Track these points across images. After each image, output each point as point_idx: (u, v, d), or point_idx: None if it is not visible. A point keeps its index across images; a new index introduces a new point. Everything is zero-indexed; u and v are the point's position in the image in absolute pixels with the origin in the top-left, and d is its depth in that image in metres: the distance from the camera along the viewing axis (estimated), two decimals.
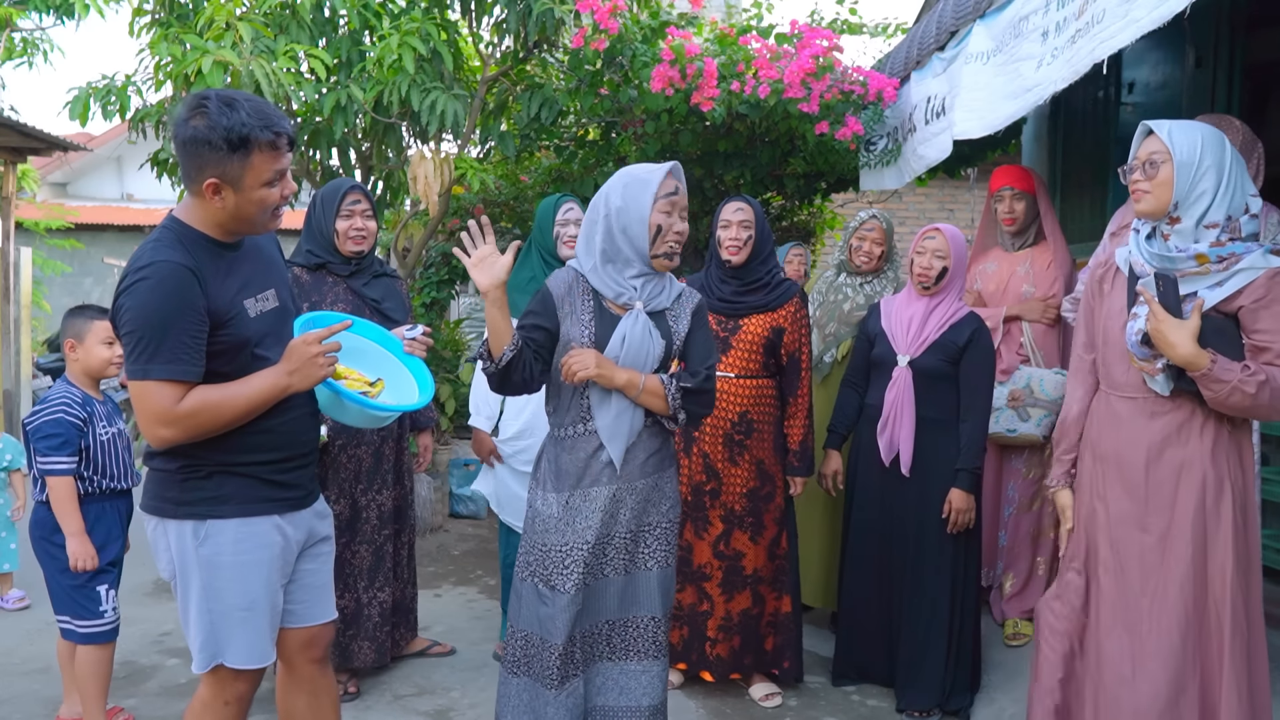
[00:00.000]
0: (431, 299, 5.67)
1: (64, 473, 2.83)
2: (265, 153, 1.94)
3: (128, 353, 1.95)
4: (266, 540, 2.08)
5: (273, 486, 2.09)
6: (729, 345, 3.25)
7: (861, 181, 4.63)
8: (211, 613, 2.06)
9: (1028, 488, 3.64)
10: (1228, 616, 2.21)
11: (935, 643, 3.17)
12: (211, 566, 2.05)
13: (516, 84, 4.90)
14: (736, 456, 3.25)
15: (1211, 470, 2.24)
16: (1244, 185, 2.22)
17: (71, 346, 2.95)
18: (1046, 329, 3.64)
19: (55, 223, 11.06)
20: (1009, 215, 3.70)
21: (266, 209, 2.00)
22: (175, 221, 2.02)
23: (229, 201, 1.96)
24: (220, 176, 1.93)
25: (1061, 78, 2.74)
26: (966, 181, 9.14)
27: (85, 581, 2.86)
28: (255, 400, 1.99)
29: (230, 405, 1.97)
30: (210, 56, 3.81)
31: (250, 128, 1.90)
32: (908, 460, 3.20)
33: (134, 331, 1.92)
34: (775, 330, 3.23)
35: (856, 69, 4.14)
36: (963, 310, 3.23)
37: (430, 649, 3.68)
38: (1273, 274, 2.17)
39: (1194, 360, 2.15)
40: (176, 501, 2.05)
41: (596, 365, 2.24)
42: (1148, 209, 2.25)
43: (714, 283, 3.31)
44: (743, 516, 3.26)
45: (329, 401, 2.25)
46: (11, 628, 3.96)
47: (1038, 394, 3.51)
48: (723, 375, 3.21)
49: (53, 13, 7.40)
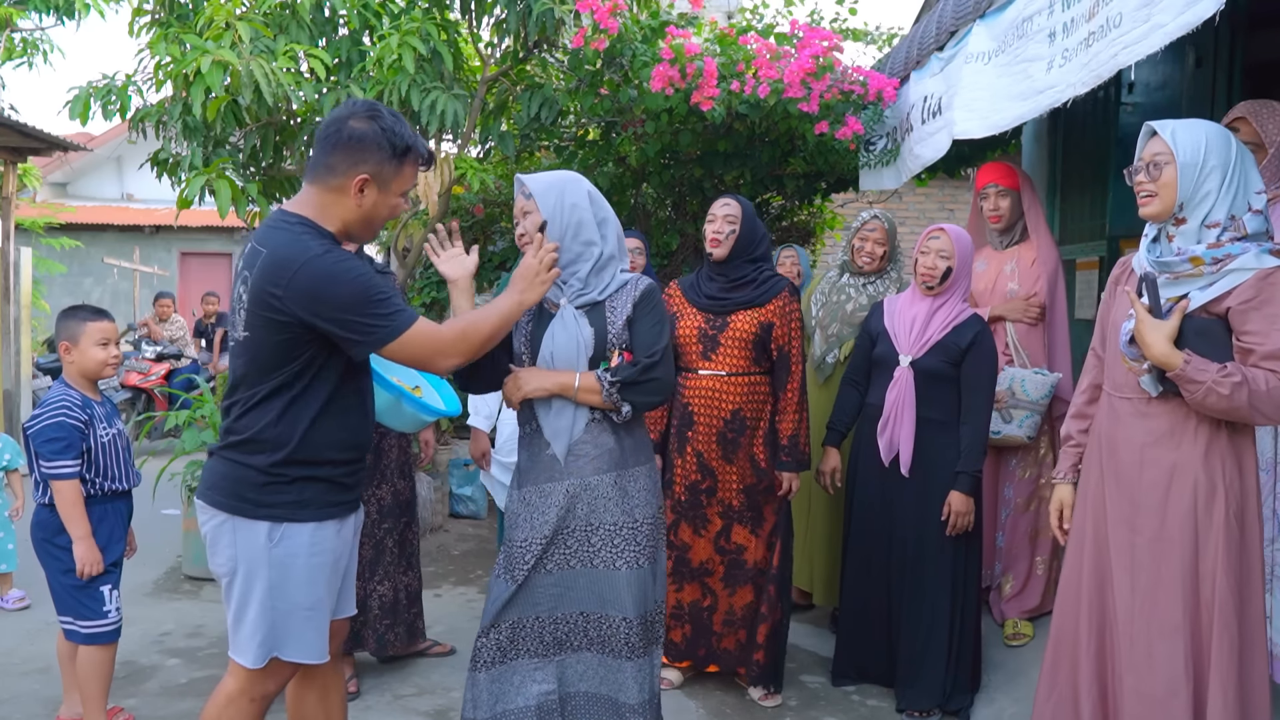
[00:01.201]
0: (431, 299, 5.68)
1: (69, 476, 2.82)
2: (414, 167, 2.14)
3: (365, 328, 2.00)
4: (333, 544, 2.15)
5: (341, 490, 2.16)
6: (717, 343, 3.25)
7: (861, 181, 4.63)
8: (275, 610, 2.09)
9: (1024, 489, 3.64)
10: (1217, 621, 2.20)
11: (935, 643, 3.17)
12: (284, 567, 2.08)
13: (516, 84, 4.89)
14: (731, 454, 3.25)
15: (1204, 474, 2.23)
16: (1248, 182, 2.21)
17: (66, 349, 2.90)
18: (1029, 328, 3.62)
19: (50, 220, 11.05)
20: (994, 212, 3.70)
21: (393, 215, 2.18)
22: (307, 221, 2.07)
23: (369, 201, 2.08)
24: (374, 175, 2.07)
25: (1081, 81, 2.73)
26: (966, 182, 9.14)
27: (88, 582, 2.85)
28: (504, 316, 2.17)
29: (486, 322, 2.14)
30: (210, 56, 3.80)
31: (415, 140, 2.12)
32: (907, 460, 3.20)
33: (356, 304, 1.98)
34: (764, 326, 3.23)
35: (856, 69, 4.14)
36: (966, 312, 3.23)
37: (430, 649, 3.67)
38: (1263, 275, 2.15)
39: (1168, 359, 2.17)
40: (256, 503, 2.07)
41: (524, 387, 2.34)
42: (1153, 211, 2.25)
43: (702, 281, 3.35)
44: (741, 511, 3.27)
45: (388, 406, 2.29)
46: (11, 628, 3.96)
47: (1019, 395, 3.50)
48: (713, 373, 3.25)
49: (53, 13, 7.41)
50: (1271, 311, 2.12)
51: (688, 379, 3.31)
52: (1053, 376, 3.50)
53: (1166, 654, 2.24)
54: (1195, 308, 2.20)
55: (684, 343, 3.31)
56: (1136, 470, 2.30)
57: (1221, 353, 2.19)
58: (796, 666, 3.60)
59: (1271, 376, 2.10)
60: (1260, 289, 2.14)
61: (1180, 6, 2.29)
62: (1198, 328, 2.20)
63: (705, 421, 3.26)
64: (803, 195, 5.63)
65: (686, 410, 3.30)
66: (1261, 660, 2.28)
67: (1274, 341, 2.11)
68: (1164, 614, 2.25)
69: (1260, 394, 2.10)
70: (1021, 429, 3.51)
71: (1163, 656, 2.24)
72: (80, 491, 2.84)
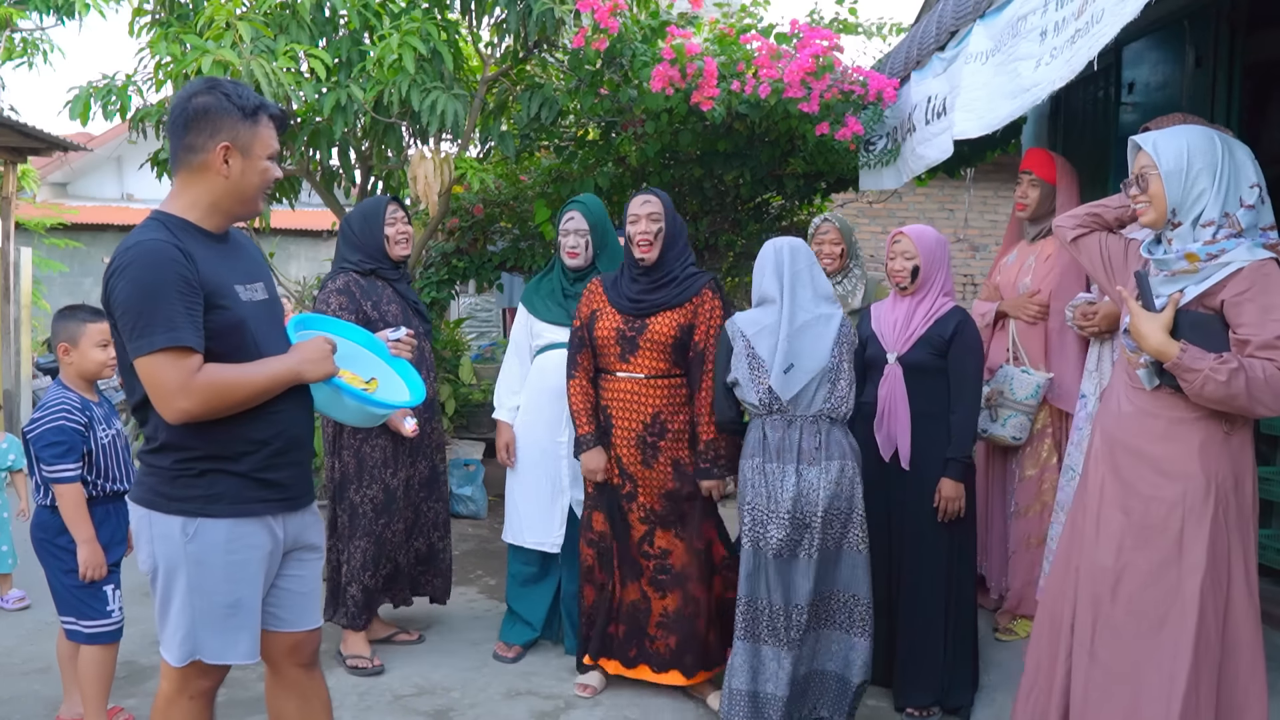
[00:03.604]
0: (431, 299, 5.67)
1: (71, 479, 2.82)
2: (271, 126, 2.09)
3: (128, 333, 1.93)
4: (257, 541, 2.08)
5: (265, 486, 2.09)
6: (636, 346, 3.18)
7: (861, 181, 4.62)
8: (194, 609, 2.05)
9: (1027, 490, 3.63)
10: (1194, 614, 2.26)
11: (932, 638, 3.17)
12: (200, 564, 2.04)
13: (516, 84, 4.90)
14: (651, 459, 3.20)
15: (1198, 468, 2.27)
16: (1239, 179, 2.27)
17: (65, 350, 2.90)
18: (1029, 326, 3.58)
19: (51, 220, 11.05)
20: (1022, 200, 3.66)
21: (266, 182, 2.11)
22: (159, 213, 2.05)
23: (235, 169, 2.05)
24: (233, 141, 2.03)
25: (1060, 77, 2.74)
26: (966, 181, 9.15)
27: (91, 582, 2.85)
28: (270, 381, 2.04)
29: (247, 382, 2.01)
30: (210, 56, 3.81)
31: (262, 100, 2.09)
32: (906, 454, 3.20)
33: (129, 310, 1.92)
34: (684, 328, 3.16)
35: (856, 69, 4.14)
36: (947, 305, 3.24)
37: (396, 635, 3.78)
38: (1256, 267, 2.21)
39: (1163, 350, 2.24)
40: (168, 496, 2.04)
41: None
42: (1149, 220, 2.35)
43: (624, 281, 3.26)
44: (665, 516, 3.22)
45: (327, 399, 2.26)
46: (11, 628, 3.96)
47: (1007, 395, 3.49)
48: (631, 376, 3.19)
49: (53, 13, 7.40)
50: (1265, 302, 2.18)
51: (606, 381, 3.26)
52: (1040, 376, 3.45)
53: (1137, 633, 2.33)
54: (1190, 301, 2.26)
55: (602, 344, 3.25)
56: (1133, 461, 2.37)
57: (1218, 345, 2.23)
58: None
59: (1269, 365, 2.15)
60: (1253, 281, 2.20)
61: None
62: (1193, 321, 2.26)
63: (624, 425, 3.21)
64: (803, 195, 5.63)
65: (606, 414, 3.26)
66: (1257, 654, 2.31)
67: (1269, 331, 2.16)
68: (1143, 596, 2.33)
69: (1258, 382, 2.14)
70: (1006, 429, 3.49)
71: (1132, 636, 2.34)
72: (83, 494, 2.84)
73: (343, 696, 3.25)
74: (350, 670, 3.46)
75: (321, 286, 3.56)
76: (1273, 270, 2.21)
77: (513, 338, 3.73)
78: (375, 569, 3.48)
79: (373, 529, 3.46)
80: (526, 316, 3.67)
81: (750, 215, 5.86)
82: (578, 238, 3.53)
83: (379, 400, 2.35)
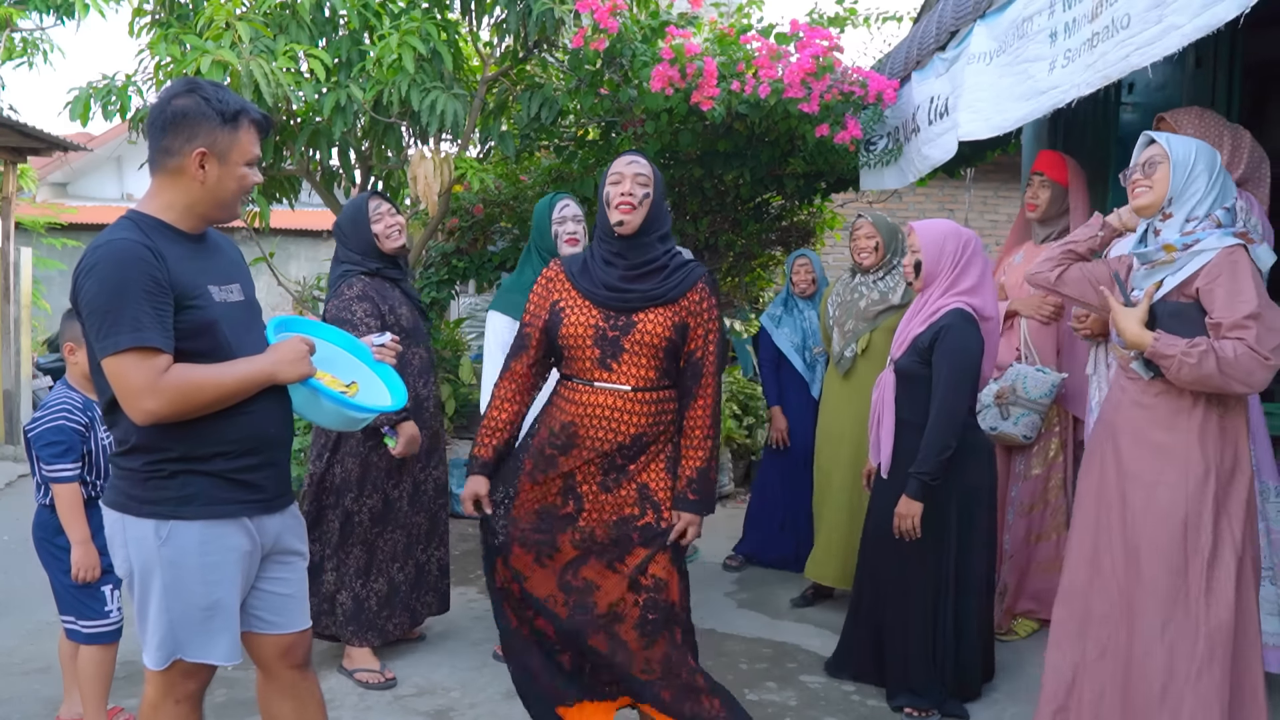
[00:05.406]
0: (431, 299, 5.67)
1: (69, 479, 2.81)
2: (251, 131, 2.05)
3: (94, 333, 1.91)
4: (232, 543, 2.06)
5: (239, 487, 2.06)
6: (620, 349, 2.49)
7: (861, 181, 4.63)
8: (171, 611, 2.03)
9: (1032, 488, 3.63)
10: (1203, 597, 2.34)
11: (918, 642, 3.15)
12: (174, 567, 2.01)
13: (516, 84, 4.90)
14: (614, 484, 2.53)
15: (1197, 456, 2.37)
16: (1227, 191, 2.43)
17: (71, 350, 2.91)
18: (1041, 325, 3.59)
19: (50, 220, 11.05)
20: (1032, 201, 3.67)
21: (244, 189, 2.07)
22: (133, 212, 2.03)
23: (211, 175, 2.01)
24: (210, 147, 1.99)
25: (1087, 82, 2.76)
26: (966, 181, 9.15)
27: (88, 582, 2.85)
28: (241, 382, 2.00)
29: (215, 383, 1.97)
30: (210, 56, 3.81)
31: (243, 104, 2.03)
32: (887, 462, 3.19)
33: (96, 309, 1.90)
34: (678, 329, 2.51)
35: (856, 69, 4.14)
36: (948, 305, 3.07)
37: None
38: (1225, 254, 2.33)
39: (1139, 340, 2.38)
40: (140, 499, 2.01)
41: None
42: (1145, 203, 2.46)
43: (596, 265, 2.56)
44: (605, 545, 2.54)
45: (304, 401, 2.23)
46: (12, 628, 3.96)
47: (1020, 393, 3.48)
48: (614, 388, 2.50)
49: (53, 13, 7.39)
50: (1232, 286, 2.30)
51: (575, 393, 2.54)
52: (1055, 376, 3.46)
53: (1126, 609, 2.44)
54: (1170, 291, 2.40)
55: (574, 346, 2.53)
56: (1134, 449, 2.46)
57: (1197, 332, 2.35)
58: (797, 666, 3.60)
59: (1239, 344, 2.25)
60: (1222, 268, 2.32)
61: (1197, 8, 2.31)
62: (1172, 310, 2.40)
63: (592, 446, 2.51)
64: (803, 195, 5.63)
65: (568, 429, 2.53)
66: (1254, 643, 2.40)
67: (1237, 312, 2.27)
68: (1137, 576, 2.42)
69: (1229, 361, 2.24)
70: (1018, 427, 3.49)
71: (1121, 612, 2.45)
72: (79, 495, 2.84)
73: (342, 697, 3.25)
74: (359, 684, 3.35)
75: (335, 293, 3.38)
76: (1240, 256, 2.34)
77: (490, 354, 3.42)
78: (367, 578, 3.40)
79: (367, 537, 3.39)
80: (509, 324, 3.35)
81: (750, 215, 5.87)
82: (576, 224, 3.42)
83: (357, 404, 2.29)
